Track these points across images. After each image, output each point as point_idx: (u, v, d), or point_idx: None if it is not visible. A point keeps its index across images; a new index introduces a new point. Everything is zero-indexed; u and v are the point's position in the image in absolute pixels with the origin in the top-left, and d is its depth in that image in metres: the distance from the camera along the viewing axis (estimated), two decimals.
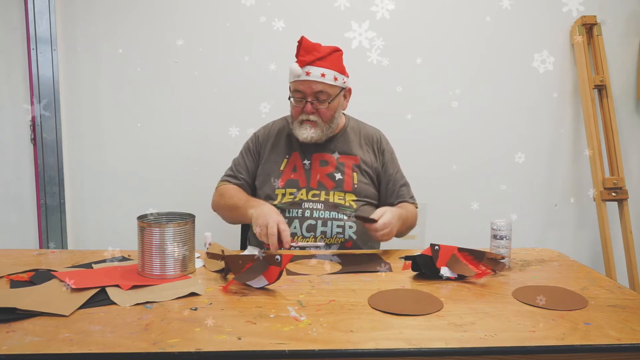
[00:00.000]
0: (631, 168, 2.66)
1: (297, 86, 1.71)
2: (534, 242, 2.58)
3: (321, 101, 1.71)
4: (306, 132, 1.72)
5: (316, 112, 1.71)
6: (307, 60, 1.68)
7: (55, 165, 2.40)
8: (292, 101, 1.75)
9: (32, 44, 2.33)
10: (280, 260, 1.22)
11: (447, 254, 1.35)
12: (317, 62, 1.68)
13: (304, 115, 1.72)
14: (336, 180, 1.75)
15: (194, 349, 0.93)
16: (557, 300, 1.19)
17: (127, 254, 1.52)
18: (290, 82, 1.74)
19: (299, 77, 1.69)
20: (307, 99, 1.70)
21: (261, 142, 1.86)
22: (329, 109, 1.72)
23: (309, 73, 1.68)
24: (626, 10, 2.56)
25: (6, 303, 1.09)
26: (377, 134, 1.89)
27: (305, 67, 1.68)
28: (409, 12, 2.47)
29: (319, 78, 1.68)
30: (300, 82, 1.69)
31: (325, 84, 1.69)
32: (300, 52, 1.70)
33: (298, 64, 1.69)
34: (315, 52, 1.69)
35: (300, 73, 1.68)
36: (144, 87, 2.42)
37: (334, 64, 1.72)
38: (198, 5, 2.40)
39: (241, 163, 1.86)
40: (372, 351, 0.95)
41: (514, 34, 2.52)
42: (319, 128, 1.73)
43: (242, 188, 1.82)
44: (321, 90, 1.69)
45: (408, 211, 1.77)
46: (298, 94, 1.72)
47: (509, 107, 2.56)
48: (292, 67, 1.69)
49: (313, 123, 1.72)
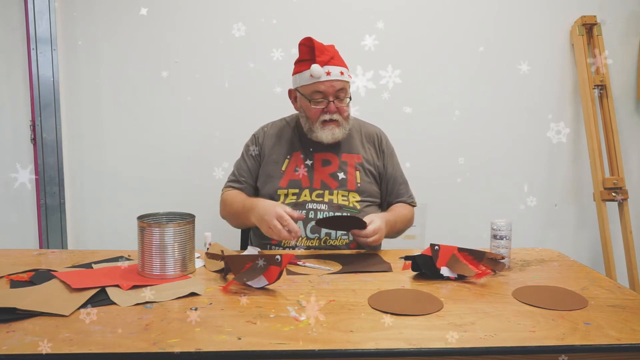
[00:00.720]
0: (631, 168, 2.66)
1: (318, 87, 1.69)
2: (534, 242, 2.58)
3: (341, 99, 1.72)
4: (331, 132, 1.72)
5: (337, 110, 1.72)
6: (325, 60, 1.68)
7: (55, 165, 2.40)
8: (311, 103, 1.72)
9: (32, 44, 2.33)
10: (281, 260, 1.22)
11: (447, 254, 1.35)
12: (332, 61, 1.70)
13: (327, 115, 1.71)
14: (339, 180, 1.75)
15: (194, 349, 0.93)
16: (557, 300, 1.19)
17: (127, 254, 1.52)
18: (308, 85, 1.71)
19: (320, 78, 1.68)
20: (329, 99, 1.70)
21: (261, 142, 1.85)
22: (348, 105, 1.74)
23: (330, 73, 1.68)
24: (626, 10, 2.56)
25: (6, 303, 1.09)
26: (378, 132, 1.89)
27: (324, 67, 1.68)
28: (409, 12, 2.47)
29: (339, 77, 1.69)
30: (321, 83, 1.68)
31: (344, 81, 1.71)
32: (316, 52, 1.68)
33: (319, 64, 1.67)
34: (327, 52, 1.70)
35: (322, 73, 1.67)
36: (144, 87, 2.42)
37: (343, 60, 1.74)
38: (198, 5, 2.40)
39: (243, 166, 1.86)
40: (372, 351, 0.95)
41: (514, 33, 2.52)
42: (341, 127, 1.74)
43: (244, 191, 1.81)
44: (342, 88, 1.70)
45: (398, 215, 1.76)
46: (319, 94, 1.70)
47: (509, 107, 2.56)
48: (314, 68, 1.67)
49: (336, 123, 1.72)
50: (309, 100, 1.72)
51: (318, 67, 1.67)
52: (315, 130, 1.73)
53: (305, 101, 1.73)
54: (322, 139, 1.73)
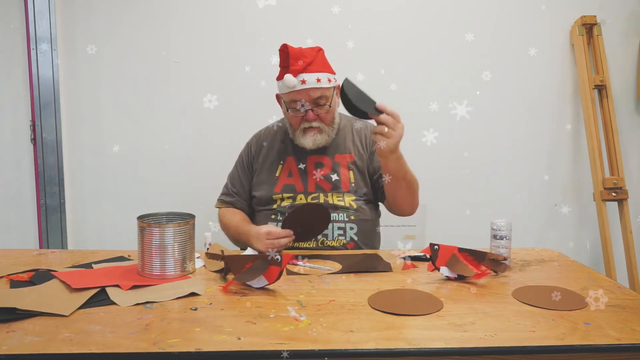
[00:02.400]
0: (631, 168, 2.66)
1: (295, 96, 1.67)
2: (534, 242, 2.58)
3: (321, 106, 1.69)
4: (312, 139, 1.70)
5: (317, 117, 1.70)
6: (299, 68, 1.64)
7: (55, 165, 2.40)
8: (290, 112, 1.71)
9: (32, 44, 2.33)
10: (281, 260, 1.22)
11: (447, 253, 1.35)
12: (309, 68, 1.65)
13: (306, 123, 1.69)
14: (333, 182, 1.75)
15: (194, 349, 0.93)
16: (557, 300, 1.19)
17: (127, 254, 1.52)
18: (284, 94, 1.69)
19: (294, 88, 1.64)
20: (307, 107, 1.68)
21: (254, 153, 1.85)
22: (329, 112, 1.71)
23: (305, 81, 1.64)
24: (626, 10, 2.56)
25: (6, 303, 1.09)
26: (367, 126, 1.84)
27: (299, 76, 1.64)
28: (409, 12, 2.47)
29: (315, 84, 1.65)
30: (297, 92, 1.66)
31: (323, 88, 1.66)
32: (290, 61, 1.64)
33: (291, 74, 1.64)
34: (304, 58, 1.65)
35: (295, 83, 1.63)
36: (144, 87, 2.42)
37: (323, 65, 1.69)
38: (198, 5, 2.40)
39: (236, 177, 1.86)
40: (372, 351, 0.95)
41: (514, 33, 2.52)
42: (324, 133, 1.72)
43: (236, 205, 1.83)
44: (320, 96, 1.67)
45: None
46: (296, 103, 1.68)
47: (509, 107, 2.56)
48: (287, 78, 1.63)
49: (317, 129, 1.70)
50: (287, 109, 1.71)
51: (291, 77, 1.63)
52: (297, 138, 1.73)
53: (285, 109, 1.73)
54: (304, 145, 1.72)
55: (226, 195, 1.86)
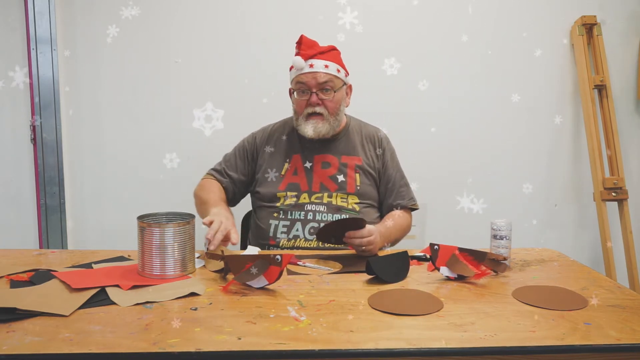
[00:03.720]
0: (631, 168, 2.66)
1: (302, 78, 1.70)
2: (534, 242, 2.58)
3: (326, 91, 1.71)
4: (313, 126, 1.71)
5: (322, 103, 1.71)
6: (310, 53, 1.69)
7: (55, 165, 2.40)
8: (295, 95, 1.74)
9: (32, 44, 2.33)
10: (281, 260, 1.22)
11: (447, 253, 1.35)
12: (319, 56, 1.70)
13: (310, 108, 1.71)
14: (339, 182, 1.75)
15: (194, 349, 0.93)
16: (557, 300, 1.19)
17: (127, 254, 1.52)
18: (292, 80, 1.74)
19: (302, 70, 1.69)
20: (312, 91, 1.70)
21: (258, 144, 1.85)
22: (334, 100, 1.72)
23: (313, 65, 1.69)
24: (626, 10, 2.56)
25: (6, 303, 1.08)
26: (379, 133, 1.88)
27: (308, 60, 1.69)
28: (409, 12, 2.47)
29: (322, 69, 1.69)
30: (304, 75, 1.70)
31: (330, 74, 1.70)
32: (302, 46, 1.71)
33: (302, 57, 1.69)
34: (316, 47, 1.72)
35: (304, 65, 1.69)
36: (144, 87, 2.42)
37: (335, 58, 1.74)
38: (198, 5, 2.40)
39: (231, 160, 1.86)
40: (372, 351, 0.95)
41: (514, 33, 2.52)
42: (326, 121, 1.72)
43: (226, 187, 1.82)
44: (326, 81, 1.69)
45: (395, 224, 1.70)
46: (302, 85, 1.71)
47: (509, 107, 2.56)
48: (296, 60, 1.69)
49: (320, 116, 1.71)
50: (294, 92, 1.74)
51: (299, 58, 1.69)
52: (300, 125, 1.74)
53: (292, 94, 1.76)
54: (305, 132, 1.72)
55: (219, 173, 1.85)
